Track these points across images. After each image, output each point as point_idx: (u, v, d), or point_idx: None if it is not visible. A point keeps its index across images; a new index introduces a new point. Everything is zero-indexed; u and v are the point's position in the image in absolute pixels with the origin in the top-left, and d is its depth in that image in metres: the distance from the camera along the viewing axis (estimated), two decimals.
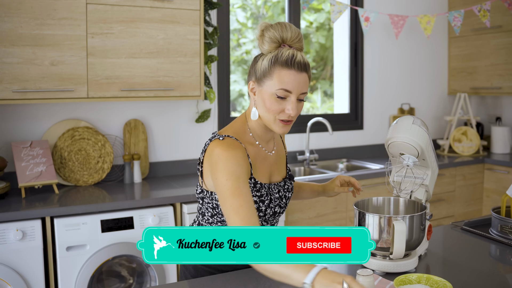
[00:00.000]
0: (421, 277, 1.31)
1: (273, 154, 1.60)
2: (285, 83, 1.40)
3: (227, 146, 1.41)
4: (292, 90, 1.41)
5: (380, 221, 1.46)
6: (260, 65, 1.44)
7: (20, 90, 2.48)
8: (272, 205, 1.53)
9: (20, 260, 2.27)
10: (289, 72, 1.40)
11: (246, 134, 1.53)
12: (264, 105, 1.44)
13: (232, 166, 1.38)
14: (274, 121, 1.44)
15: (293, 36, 1.44)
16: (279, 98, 1.41)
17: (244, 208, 1.34)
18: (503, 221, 1.81)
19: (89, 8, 2.60)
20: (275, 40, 1.42)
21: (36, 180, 2.62)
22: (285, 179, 1.63)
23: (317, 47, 4.35)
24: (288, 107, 1.41)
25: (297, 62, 1.41)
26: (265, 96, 1.43)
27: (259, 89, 1.45)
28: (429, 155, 1.61)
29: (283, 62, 1.40)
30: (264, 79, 1.43)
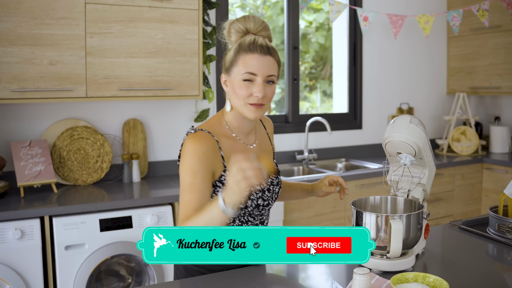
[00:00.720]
0: (417, 276, 1.31)
1: (254, 147, 1.61)
2: (249, 67, 1.46)
3: (194, 139, 1.46)
4: (257, 73, 1.46)
5: (377, 220, 1.46)
6: (228, 56, 1.51)
7: (19, 90, 2.48)
8: (253, 197, 1.53)
9: (19, 259, 2.28)
10: (253, 56, 1.46)
11: (222, 127, 1.56)
12: (234, 92, 1.49)
13: (193, 161, 1.43)
14: (245, 105, 1.48)
15: (257, 26, 1.51)
16: (246, 81, 1.46)
17: (192, 203, 1.41)
18: (501, 220, 1.81)
19: (88, 8, 2.60)
20: (239, 30, 1.50)
21: (35, 179, 2.62)
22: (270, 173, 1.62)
23: (316, 47, 4.35)
24: (255, 90, 1.46)
25: (259, 45, 1.47)
26: (235, 84, 1.48)
27: (229, 79, 1.51)
28: (426, 154, 1.62)
29: (245, 47, 1.47)
30: (232, 67, 1.49)
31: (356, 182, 3.30)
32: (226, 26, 1.54)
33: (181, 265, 1.61)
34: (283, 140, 3.69)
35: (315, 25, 4.38)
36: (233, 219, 1.53)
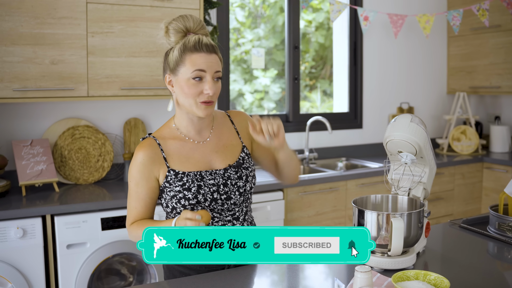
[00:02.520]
0: (418, 274, 1.32)
1: (207, 142, 1.61)
2: (197, 65, 1.48)
3: (139, 148, 1.56)
4: (206, 69, 1.49)
5: (378, 218, 1.47)
6: (172, 56, 1.53)
7: (20, 89, 2.49)
8: (203, 192, 1.53)
9: (21, 258, 2.28)
10: (199, 55, 1.49)
11: (171, 129, 1.62)
12: (182, 92, 1.51)
13: (134, 171, 1.55)
14: (196, 104, 1.51)
15: (196, 25, 1.53)
16: (195, 80, 1.48)
17: (137, 210, 1.57)
18: (501, 219, 1.82)
19: (90, 7, 2.61)
20: (179, 30, 1.52)
21: (37, 178, 2.63)
22: (227, 168, 1.59)
23: (316, 47, 4.36)
24: (206, 87, 1.49)
25: (205, 44, 1.50)
26: (182, 83, 1.50)
27: (175, 79, 1.53)
28: (427, 153, 1.63)
29: (191, 47, 1.49)
30: (178, 67, 1.51)
31: (357, 181, 3.31)
32: (163, 26, 1.55)
33: (165, 266, 1.65)
34: None
35: (315, 25, 4.38)
36: None
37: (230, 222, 1.59)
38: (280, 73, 4.10)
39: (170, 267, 1.62)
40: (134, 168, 1.55)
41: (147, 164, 1.54)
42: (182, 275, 1.58)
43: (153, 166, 1.55)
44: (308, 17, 4.29)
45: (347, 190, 3.28)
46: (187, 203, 1.52)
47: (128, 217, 1.59)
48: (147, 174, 1.54)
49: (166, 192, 1.56)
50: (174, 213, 1.56)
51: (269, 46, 4.07)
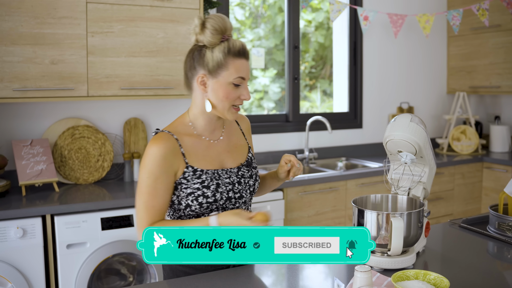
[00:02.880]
0: (418, 273, 1.32)
1: (219, 141, 1.62)
2: (240, 72, 1.50)
3: (154, 142, 1.49)
4: (246, 77, 1.53)
5: (378, 218, 1.47)
6: (212, 57, 1.50)
7: (20, 89, 2.49)
8: (221, 190, 1.53)
9: (21, 258, 2.28)
10: (242, 61, 1.51)
11: (186, 126, 1.59)
12: (218, 95, 1.51)
13: (153, 165, 1.47)
14: (229, 109, 1.53)
15: (231, 27, 1.53)
16: (235, 86, 1.51)
17: (155, 209, 1.47)
18: (501, 218, 1.82)
19: (89, 7, 2.61)
20: (219, 30, 1.49)
21: (37, 178, 2.63)
22: (240, 166, 1.63)
23: (316, 46, 4.36)
24: (244, 93, 1.53)
25: (247, 52, 1.53)
26: (222, 86, 1.50)
27: (213, 81, 1.51)
28: (427, 153, 1.63)
29: (236, 52, 1.50)
30: (219, 70, 1.50)
31: (357, 181, 3.31)
32: (199, 22, 1.50)
33: (167, 266, 1.62)
34: (284, 139, 3.70)
35: (314, 24, 4.38)
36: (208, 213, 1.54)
37: None
38: (279, 73, 4.10)
39: (173, 268, 1.60)
40: (153, 162, 1.47)
41: (168, 157, 1.49)
42: (186, 276, 1.56)
43: (174, 160, 1.50)
44: (308, 17, 4.29)
45: (347, 190, 3.28)
46: (204, 201, 1.51)
47: (143, 217, 1.48)
48: (168, 168, 1.49)
49: (181, 189, 1.52)
50: (188, 211, 1.53)
51: (269, 46, 4.07)
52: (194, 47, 1.55)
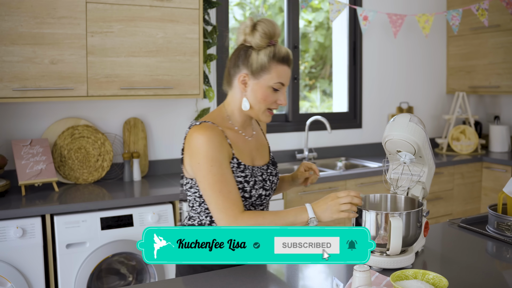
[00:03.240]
0: (417, 273, 1.32)
1: (252, 139, 1.67)
2: (281, 77, 1.54)
3: (204, 130, 1.48)
4: (285, 83, 1.57)
5: (377, 217, 1.47)
6: (256, 59, 1.53)
7: (20, 89, 2.49)
8: (256, 187, 1.57)
9: (20, 257, 2.29)
10: (284, 68, 1.55)
11: (225, 120, 1.61)
12: (257, 96, 1.55)
13: (214, 152, 1.46)
14: (264, 111, 1.57)
15: (279, 33, 1.57)
16: (274, 90, 1.55)
17: (233, 194, 1.45)
18: (500, 218, 1.82)
19: (89, 7, 2.61)
20: (268, 34, 1.53)
21: (36, 178, 2.63)
22: (268, 164, 1.68)
23: (316, 46, 4.36)
24: (281, 98, 1.57)
25: (290, 60, 1.57)
26: (262, 88, 1.54)
27: (254, 82, 1.55)
28: (426, 153, 1.63)
29: (281, 58, 1.54)
30: (262, 72, 1.53)
31: (356, 181, 3.31)
32: (251, 23, 1.54)
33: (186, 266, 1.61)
34: (283, 139, 3.70)
35: (314, 24, 4.38)
36: None
37: None
38: None
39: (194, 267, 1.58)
40: (212, 149, 1.45)
41: (223, 143, 1.50)
42: (204, 270, 1.55)
43: (226, 147, 1.51)
44: (308, 17, 4.29)
45: (347, 190, 3.27)
46: (241, 194, 1.53)
47: (230, 207, 1.43)
48: (225, 154, 1.49)
49: None
50: (202, 206, 1.54)
51: None
52: (241, 46, 1.58)
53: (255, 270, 1.52)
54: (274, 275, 1.53)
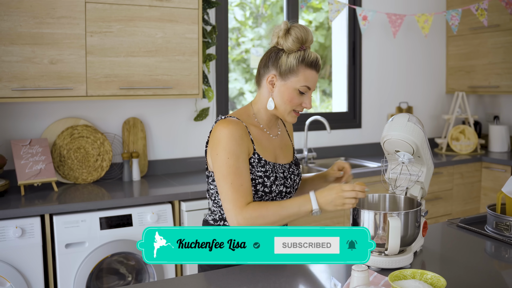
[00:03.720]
0: (415, 273, 1.32)
1: (276, 138, 1.72)
2: (308, 81, 1.59)
3: (228, 124, 1.54)
4: (311, 87, 1.61)
5: (375, 217, 1.47)
6: (286, 61, 1.59)
7: (19, 89, 2.49)
8: (277, 183, 1.63)
9: (20, 257, 2.29)
10: (312, 73, 1.60)
11: (250, 117, 1.67)
12: (283, 97, 1.60)
13: (233, 145, 1.51)
14: (290, 112, 1.62)
15: (312, 39, 1.62)
16: (300, 93, 1.59)
17: (244, 187, 1.49)
18: (498, 218, 1.82)
19: (88, 7, 2.61)
20: (300, 39, 1.58)
21: (35, 178, 2.63)
22: (291, 164, 1.72)
23: (316, 46, 4.36)
24: (306, 101, 1.62)
25: (319, 65, 1.62)
26: (288, 90, 1.59)
27: (281, 83, 1.60)
28: (424, 153, 1.63)
29: (309, 63, 1.59)
30: (290, 75, 1.59)
31: (356, 181, 3.31)
32: (285, 27, 1.59)
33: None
34: None
35: (315, 25, 4.38)
36: None
37: None
38: None
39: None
40: (232, 142, 1.51)
41: (244, 138, 1.55)
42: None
43: (247, 142, 1.57)
44: (309, 17, 4.29)
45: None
46: (261, 189, 1.58)
47: (237, 199, 1.48)
48: (245, 148, 1.55)
49: None
50: None
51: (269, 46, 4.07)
52: (273, 48, 1.64)
53: (254, 270, 1.52)
54: (274, 275, 1.53)
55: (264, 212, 1.47)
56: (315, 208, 1.47)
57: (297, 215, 1.49)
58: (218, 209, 1.66)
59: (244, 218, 1.46)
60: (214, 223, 1.66)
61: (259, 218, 1.46)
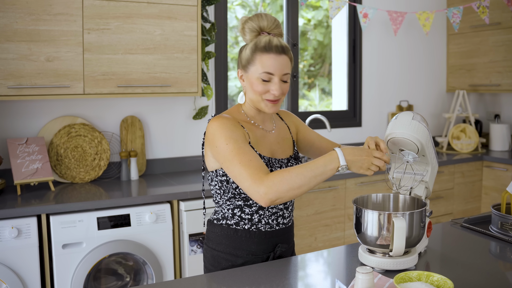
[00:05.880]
0: (421, 275, 1.29)
1: (272, 133, 1.68)
2: (266, 67, 1.53)
3: (217, 118, 1.54)
4: (274, 72, 1.53)
5: (379, 218, 1.44)
6: (244, 54, 1.58)
7: (15, 86, 2.45)
8: None
9: (16, 258, 2.25)
10: (269, 56, 1.53)
11: (240, 114, 1.65)
12: (251, 88, 1.57)
13: (227, 132, 1.49)
14: (262, 101, 1.57)
15: (270, 24, 1.57)
16: (264, 81, 1.54)
17: (254, 162, 1.44)
18: (504, 218, 1.79)
19: (85, 4, 2.57)
20: (253, 29, 1.56)
21: (32, 177, 2.60)
22: (289, 158, 1.68)
23: (315, 45, 4.32)
24: (273, 88, 1.54)
25: (274, 46, 1.53)
26: (252, 80, 1.56)
27: (246, 75, 1.58)
28: (429, 151, 1.59)
29: (261, 47, 1.53)
30: (249, 65, 1.56)
31: (356, 180, 3.28)
32: (240, 24, 1.60)
33: (208, 253, 1.66)
34: None
35: (314, 23, 4.35)
36: None
37: (281, 210, 1.64)
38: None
39: (214, 255, 1.63)
40: (226, 130, 1.49)
41: (237, 127, 1.53)
42: (228, 263, 1.61)
43: (243, 131, 1.55)
44: (307, 15, 4.26)
45: (346, 189, 3.25)
46: None
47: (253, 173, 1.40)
48: (242, 134, 1.52)
49: None
50: (239, 189, 1.55)
51: None
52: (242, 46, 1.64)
53: (256, 272, 1.49)
54: (276, 277, 1.50)
55: (286, 175, 1.39)
56: (342, 164, 1.40)
57: (323, 174, 1.41)
58: (220, 209, 1.64)
59: (267, 186, 1.38)
60: (217, 222, 1.64)
61: (283, 181, 1.38)
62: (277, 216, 1.63)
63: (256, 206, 1.59)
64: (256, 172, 1.41)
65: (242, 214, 1.60)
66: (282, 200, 1.40)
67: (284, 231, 1.66)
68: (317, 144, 1.82)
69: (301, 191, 1.41)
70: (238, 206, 1.59)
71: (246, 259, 1.60)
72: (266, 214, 1.60)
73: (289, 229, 1.70)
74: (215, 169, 1.58)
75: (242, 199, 1.58)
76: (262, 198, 1.39)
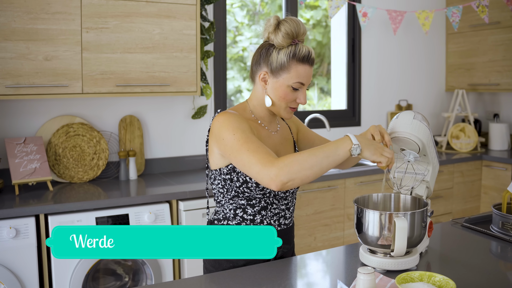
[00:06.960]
0: (423, 275, 1.28)
1: (276, 134, 1.68)
2: (301, 77, 1.53)
3: (225, 113, 1.53)
4: (305, 83, 1.55)
5: (380, 217, 1.43)
6: (276, 58, 1.54)
7: (13, 86, 2.44)
8: None
9: (14, 259, 2.24)
10: (305, 67, 1.54)
11: (247, 113, 1.63)
12: (277, 93, 1.56)
13: (234, 123, 1.48)
14: (285, 108, 1.58)
15: (304, 32, 1.55)
16: (294, 89, 1.54)
17: (262, 148, 1.42)
18: (505, 217, 1.78)
19: (84, 2, 2.56)
20: (290, 34, 1.52)
21: (30, 177, 2.58)
22: None
23: (314, 44, 4.31)
24: (300, 97, 1.57)
25: (312, 59, 1.55)
26: (281, 87, 1.55)
27: (273, 80, 1.56)
28: (430, 151, 1.59)
29: (301, 58, 1.52)
30: (281, 71, 1.54)
31: (356, 180, 3.28)
32: (274, 22, 1.53)
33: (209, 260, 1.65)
34: None
35: (312, 22, 4.34)
36: (259, 200, 1.58)
37: (283, 211, 1.64)
38: None
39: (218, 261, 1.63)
40: (232, 122, 1.48)
41: (244, 121, 1.51)
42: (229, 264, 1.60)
43: (249, 124, 1.53)
44: (306, 15, 4.25)
45: (346, 189, 3.24)
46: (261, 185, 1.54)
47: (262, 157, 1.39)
48: (248, 126, 1.50)
49: None
50: (243, 188, 1.54)
51: None
52: (264, 43, 1.59)
53: (257, 272, 1.48)
54: (278, 278, 1.49)
55: (297, 155, 1.37)
56: (355, 143, 1.37)
57: (335, 155, 1.38)
58: (222, 209, 1.62)
59: (278, 168, 1.35)
60: (218, 223, 1.63)
61: (294, 162, 1.36)
62: (279, 216, 1.62)
63: (259, 206, 1.58)
64: (266, 156, 1.39)
65: (244, 214, 1.58)
66: (293, 183, 1.37)
67: (285, 231, 1.65)
68: (317, 143, 1.81)
69: (313, 172, 1.37)
70: (241, 206, 1.58)
71: (248, 260, 1.59)
72: (268, 214, 1.59)
73: (290, 229, 1.69)
74: (219, 167, 1.56)
75: (245, 198, 1.57)
76: (273, 181, 1.36)
